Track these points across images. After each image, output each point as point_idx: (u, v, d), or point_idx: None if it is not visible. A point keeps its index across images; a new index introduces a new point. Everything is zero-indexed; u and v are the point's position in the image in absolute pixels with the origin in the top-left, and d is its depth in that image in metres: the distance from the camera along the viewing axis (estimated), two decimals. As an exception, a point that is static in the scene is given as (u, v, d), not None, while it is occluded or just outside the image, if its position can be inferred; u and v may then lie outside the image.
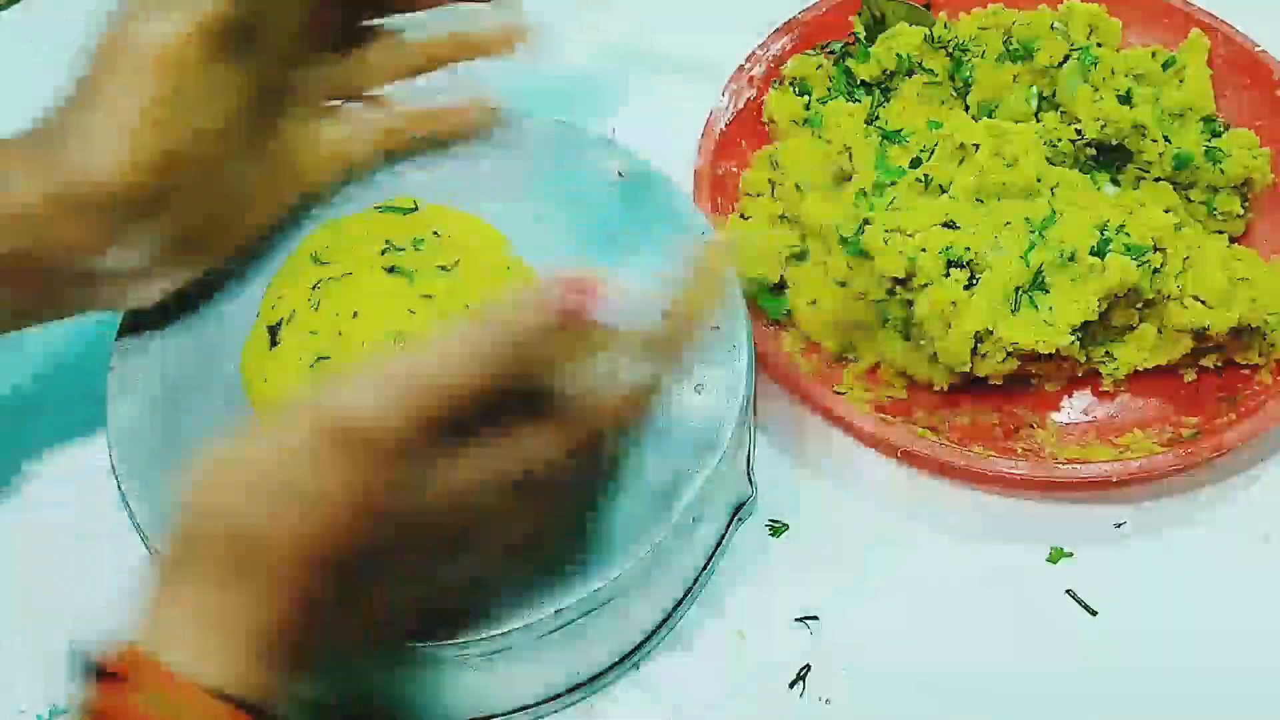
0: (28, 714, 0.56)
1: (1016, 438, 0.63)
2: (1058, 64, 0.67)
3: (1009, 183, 0.62)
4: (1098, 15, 0.70)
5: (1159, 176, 0.66)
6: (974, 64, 0.68)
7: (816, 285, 0.65)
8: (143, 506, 0.53)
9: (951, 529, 0.62)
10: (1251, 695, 0.57)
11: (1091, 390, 0.65)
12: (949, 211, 0.61)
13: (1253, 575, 0.61)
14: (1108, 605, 0.59)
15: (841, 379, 0.65)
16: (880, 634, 0.58)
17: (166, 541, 0.42)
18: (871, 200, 0.63)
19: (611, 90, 0.77)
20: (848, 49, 0.73)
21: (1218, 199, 0.66)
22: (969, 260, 0.60)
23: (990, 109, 0.67)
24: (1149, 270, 0.61)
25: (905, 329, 0.63)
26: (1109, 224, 0.62)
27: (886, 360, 0.65)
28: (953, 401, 0.64)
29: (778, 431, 0.64)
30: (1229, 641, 0.58)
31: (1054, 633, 0.59)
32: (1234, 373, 0.64)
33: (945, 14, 0.72)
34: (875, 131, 0.67)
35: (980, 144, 0.62)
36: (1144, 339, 0.63)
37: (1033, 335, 0.59)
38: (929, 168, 0.63)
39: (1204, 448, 0.60)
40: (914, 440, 0.60)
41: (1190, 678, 0.58)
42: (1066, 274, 0.61)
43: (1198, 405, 0.64)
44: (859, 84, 0.71)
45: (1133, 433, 0.63)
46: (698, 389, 0.55)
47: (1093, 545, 0.61)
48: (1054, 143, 0.65)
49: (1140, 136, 0.65)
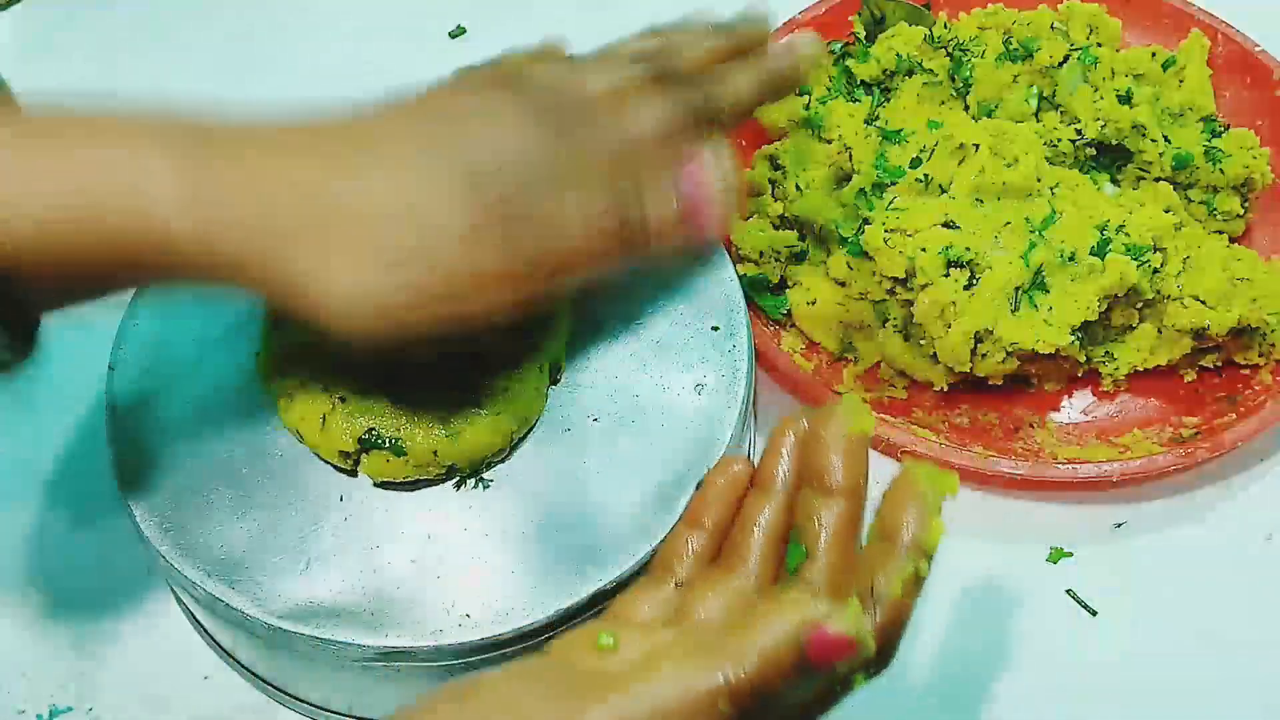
0: (28, 714, 0.56)
1: (1016, 438, 0.63)
2: (1058, 64, 0.67)
3: (1009, 183, 0.62)
4: (1098, 15, 0.70)
5: (1159, 176, 0.66)
6: (974, 64, 0.68)
7: (816, 285, 0.65)
8: (143, 506, 0.53)
9: (951, 529, 0.62)
10: (1252, 695, 0.57)
11: (1091, 390, 0.65)
12: (949, 211, 0.61)
13: (1253, 575, 0.61)
14: (1108, 605, 0.59)
15: (841, 379, 0.65)
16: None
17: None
18: (871, 200, 0.63)
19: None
20: (848, 49, 0.73)
21: (1218, 199, 0.66)
22: (969, 260, 0.60)
23: (990, 109, 0.67)
24: (1149, 270, 0.61)
25: (905, 329, 0.63)
26: (1109, 224, 0.62)
27: (886, 360, 0.65)
28: (953, 401, 0.64)
29: (778, 431, 0.64)
30: (1229, 641, 0.59)
31: (1054, 633, 0.59)
32: (1234, 373, 0.64)
33: (945, 14, 0.72)
34: (875, 131, 0.67)
35: (980, 144, 0.63)
36: (1144, 339, 0.63)
37: (1033, 335, 0.59)
38: (929, 168, 0.63)
39: (1204, 448, 0.60)
40: (914, 440, 0.60)
41: (1190, 677, 0.58)
42: (1066, 274, 0.61)
43: (1198, 405, 0.64)
44: (859, 84, 0.71)
45: (1133, 433, 0.63)
46: (698, 389, 0.55)
47: (1093, 545, 0.61)
48: (1054, 143, 0.65)
49: (1140, 136, 0.65)
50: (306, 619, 0.50)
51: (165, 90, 0.78)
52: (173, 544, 0.52)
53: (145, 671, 0.58)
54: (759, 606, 0.38)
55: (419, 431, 0.52)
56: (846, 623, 0.37)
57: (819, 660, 0.37)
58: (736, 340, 0.57)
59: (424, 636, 0.50)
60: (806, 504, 0.42)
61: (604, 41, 0.58)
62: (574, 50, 0.60)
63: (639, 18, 0.81)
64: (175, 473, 0.53)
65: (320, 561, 0.51)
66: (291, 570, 0.51)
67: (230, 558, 0.51)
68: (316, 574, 0.51)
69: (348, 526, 0.52)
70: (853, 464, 0.42)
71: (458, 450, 0.52)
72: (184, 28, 0.81)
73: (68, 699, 0.57)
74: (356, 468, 0.53)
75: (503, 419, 0.53)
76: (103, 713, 0.56)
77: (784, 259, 0.66)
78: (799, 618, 0.37)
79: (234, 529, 0.52)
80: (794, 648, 0.37)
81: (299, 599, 0.50)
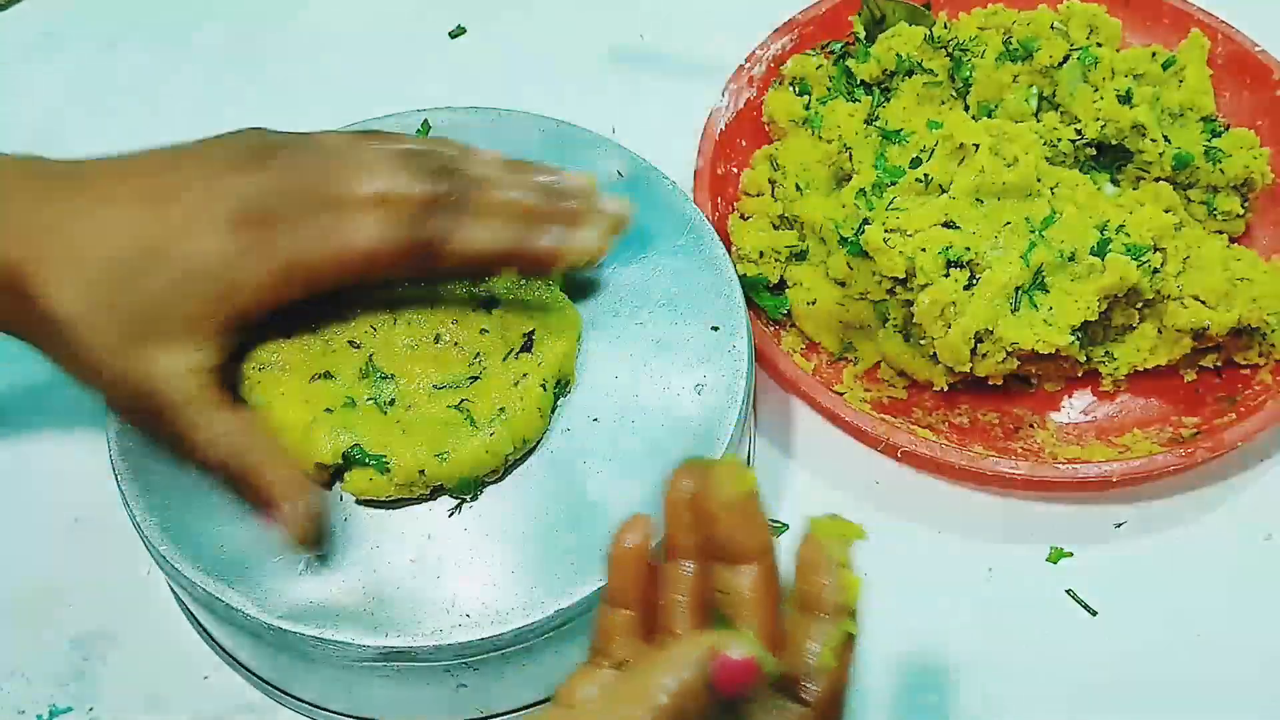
0: (28, 714, 0.56)
1: (1016, 438, 0.63)
2: (1058, 64, 0.67)
3: (1009, 183, 0.62)
4: (1098, 15, 0.70)
5: (1159, 176, 0.66)
6: (974, 64, 0.68)
7: (816, 285, 0.65)
8: (142, 506, 0.53)
9: (951, 529, 0.62)
10: (1252, 694, 0.57)
11: (1091, 390, 0.65)
12: (949, 211, 0.61)
13: (1253, 575, 0.61)
14: (1108, 605, 0.59)
15: (841, 379, 0.65)
16: (880, 633, 0.58)
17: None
18: (871, 200, 0.63)
19: (611, 90, 0.77)
20: (848, 49, 0.73)
21: (1218, 199, 0.66)
22: (969, 260, 0.60)
23: (990, 109, 0.67)
24: (1149, 270, 0.61)
25: (905, 329, 0.63)
26: (1109, 224, 0.62)
27: (886, 360, 0.65)
28: (953, 401, 0.64)
29: (778, 431, 0.64)
30: (1229, 641, 0.58)
31: (1054, 633, 0.59)
32: (1234, 373, 0.64)
33: (945, 14, 0.72)
34: (875, 131, 0.67)
35: (980, 144, 0.62)
36: (1144, 339, 0.63)
37: (1033, 335, 0.59)
38: (929, 168, 0.63)
39: (1204, 448, 0.60)
40: (914, 440, 0.60)
41: (1190, 677, 0.58)
42: (1066, 274, 0.61)
43: (1198, 405, 0.64)
44: (859, 84, 0.71)
45: (1133, 433, 0.63)
46: (698, 389, 0.55)
47: (1093, 545, 0.61)
48: (1054, 143, 0.65)
49: (1140, 136, 0.65)
50: (306, 619, 0.50)
51: (165, 90, 0.79)
52: (173, 544, 0.52)
53: (145, 671, 0.58)
54: (659, 652, 0.38)
55: (405, 450, 0.51)
56: (745, 646, 0.37)
57: (726, 685, 0.37)
58: (736, 340, 0.57)
59: (424, 636, 0.50)
60: (718, 576, 0.41)
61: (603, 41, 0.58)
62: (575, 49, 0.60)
63: (638, 18, 0.81)
64: (175, 473, 0.53)
65: (320, 561, 0.51)
66: (291, 570, 0.51)
67: (230, 558, 0.51)
68: (316, 574, 0.51)
69: (348, 526, 0.52)
70: (748, 526, 0.41)
71: (445, 471, 0.51)
72: (183, 28, 0.81)
73: (68, 699, 0.57)
74: (335, 482, 0.52)
75: (498, 439, 0.52)
76: (103, 713, 0.56)
77: (784, 259, 0.66)
78: (699, 648, 0.37)
79: (234, 529, 0.52)
80: (701, 677, 0.37)
81: (299, 599, 0.50)
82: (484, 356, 0.54)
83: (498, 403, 0.52)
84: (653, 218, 0.59)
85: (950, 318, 0.60)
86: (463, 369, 0.54)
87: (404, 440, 0.51)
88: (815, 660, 0.40)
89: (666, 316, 0.57)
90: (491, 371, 0.53)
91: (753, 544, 0.41)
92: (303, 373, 0.52)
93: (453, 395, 0.53)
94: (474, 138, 0.62)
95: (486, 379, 0.53)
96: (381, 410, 0.52)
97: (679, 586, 0.42)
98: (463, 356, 0.54)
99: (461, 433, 0.51)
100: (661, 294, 0.58)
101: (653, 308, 0.57)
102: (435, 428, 0.52)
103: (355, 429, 0.51)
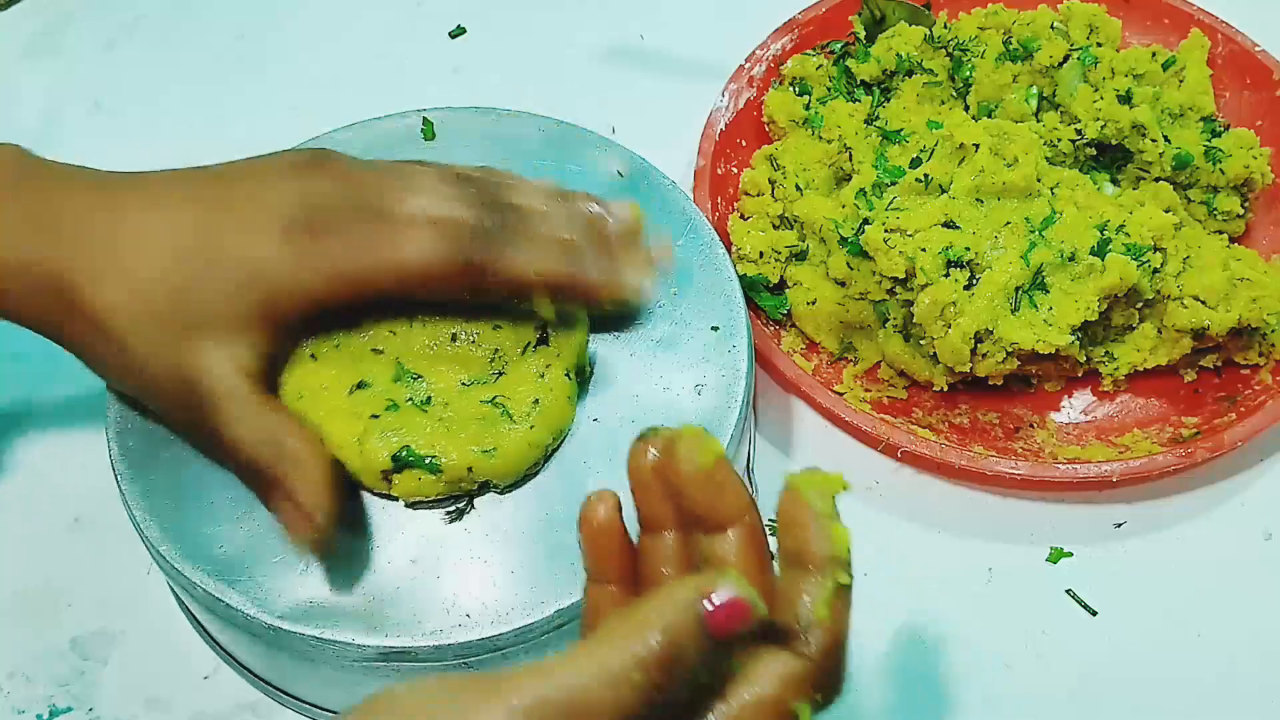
0: (28, 714, 0.56)
1: (1016, 438, 0.63)
2: (1058, 64, 0.67)
3: (1009, 183, 0.62)
4: (1098, 15, 0.70)
5: (1159, 176, 0.66)
6: (974, 64, 0.68)
7: (817, 285, 0.65)
8: (142, 506, 0.53)
9: (951, 529, 0.62)
10: (1252, 694, 0.57)
11: (1091, 390, 0.65)
12: (949, 211, 0.61)
13: (1253, 574, 0.61)
14: (1108, 605, 0.59)
15: (841, 379, 0.65)
16: (880, 633, 0.58)
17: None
18: (871, 200, 0.63)
19: (611, 90, 0.77)
20: (848, 49, 0.73)
21: (1218, 199, 0.67)
22: (969, 260, 0.60)
23: (990, 109, 0.67)
24: (1149, 270, 0.61)
25: (905, 329, 0.63)
26: (1109, 224, 0.62)
27: (886, 360, 0.65)
28: (953, 401, 0.64)
29: (778, 431, 0.64)
30: (1229, 641, 0.58)
31: (1054, 633, 0.59)
32: (1234, 373, 0.64)
33: (945, 14, 0.72)
34: (875, 131, 0.67)
35: (980, 144, 0.62)
36: (1144, 339, 0.63)
37: (1033, 335, 0.59)
38: (929, 168, 0.63)
39: (1204, 448, 0.60)
40: (914, 440, 0.60)
41: (1190, 677, 0.58)
42: (1066, 274, 0.61)
43: (1198, 405, 0.64)
44: (859, 84, 0.71)
45: (1133, 433, 0.63)
46: (698, 389, 0.55)
47: (1093, 545, 0.61)
48: (1054, 143, 0.65)
49: (1140, 136, 0.65)
50: (306, 619, 0.50)
51: (164, 90, 0.79)
52: (173, 544, 0.51)
53: (145, 671, 0.58)
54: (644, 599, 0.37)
55: (454, 448, 0.51)
56: (733, 585, 0.36)
57: (718, 626, 0.36)
58: (736, 340, 0.57)
59: (424, 636, 0.50)
60: (701, 544, 0.40)
61: (603, 41, 0.58)
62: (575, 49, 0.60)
63: (638, 18, 0.81)
64: (175, 473, 0.53)
65: (321, 562, 0.51)
66: (291, 570, 0.51)
67: (230, 558, 0.51)
68: (316, 574, 0.51)
69: (347, 526, 0.52)
70: (724, 492, 0.40)
71: (493, 467, 0.51)
72: (183, 28, 0.82)
73: (68, 699, 0.57)
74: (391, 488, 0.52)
75: (537, 432, 0.52)
76: (103, 713, 0.56)
77: (784, 259, 0.66)
78: (687, 590, 0.36)
79: (234, 529, 0.52)
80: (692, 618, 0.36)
81: (299, 599, 0.50)
82: (502, 352, 0.54)
83: (529, 395, 0.52)
84: (653, 218, 0.59)
85: (950, 318, 0.60)
86: (485, 365, 0.54)
87: (450, 439, 0.51)
88: (809, 616, 0.38)
89: (666, 316, 0.57)
90: (513, 366, 0.53)
91: (730, 509, 0.40)
92: (340, 388, 0.52)
93: (484, 391, 0.53)
94: (474, 138, 0.62)
95: (511, 373, 0.53)
96: (421, 410, 0.52)
97: (661, 559, 0.41)
98: (483, 353, 0.54)
99: (501, 428, 0.51)
100: (661, 294, 0.58)
101: (653, 308, 0.57)
102: (475, 425, 0.51)
103: (403, 430, 0.51)
